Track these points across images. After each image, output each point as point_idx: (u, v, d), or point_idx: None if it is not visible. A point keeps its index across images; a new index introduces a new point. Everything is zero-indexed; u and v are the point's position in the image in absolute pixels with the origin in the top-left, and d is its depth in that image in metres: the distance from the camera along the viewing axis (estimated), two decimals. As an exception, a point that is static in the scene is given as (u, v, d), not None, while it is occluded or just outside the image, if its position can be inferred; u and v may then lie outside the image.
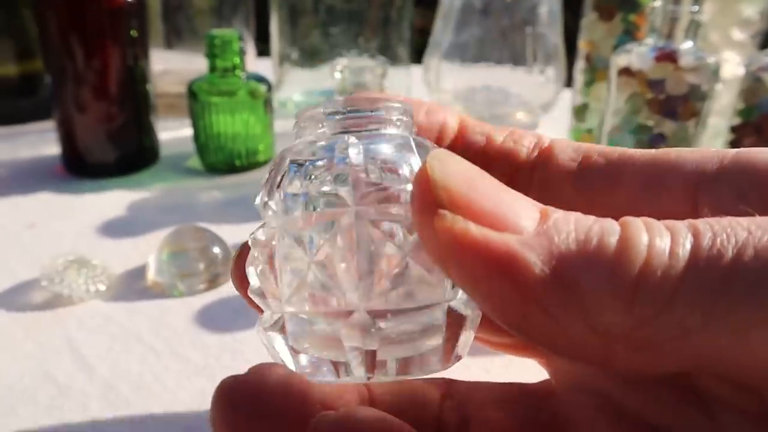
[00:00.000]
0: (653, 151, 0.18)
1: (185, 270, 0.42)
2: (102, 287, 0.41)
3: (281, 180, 0.17)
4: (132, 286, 0.42)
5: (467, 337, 0.17)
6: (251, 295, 0.18)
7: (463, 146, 0.20)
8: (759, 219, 0.13)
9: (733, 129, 0.58)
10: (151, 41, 0.58)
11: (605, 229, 0.13)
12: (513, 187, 0.20)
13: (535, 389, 0.21)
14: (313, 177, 0.16)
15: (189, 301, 0.41)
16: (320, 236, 0.16)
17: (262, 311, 0.18)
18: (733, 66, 0.65)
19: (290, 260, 0.16)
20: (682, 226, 0.13)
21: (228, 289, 0.42)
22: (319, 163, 0.16)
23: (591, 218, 0.13)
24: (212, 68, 0.57)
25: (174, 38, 0.73)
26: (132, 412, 0.32)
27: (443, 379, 0.21)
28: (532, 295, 0.12)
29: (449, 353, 0.17)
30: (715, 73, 0.52)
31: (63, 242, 0.47)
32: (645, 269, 0.12)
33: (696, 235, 0.13)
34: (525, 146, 0.20)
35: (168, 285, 0.41)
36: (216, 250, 0.43)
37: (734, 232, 0.12)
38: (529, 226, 0.13)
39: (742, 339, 0.12)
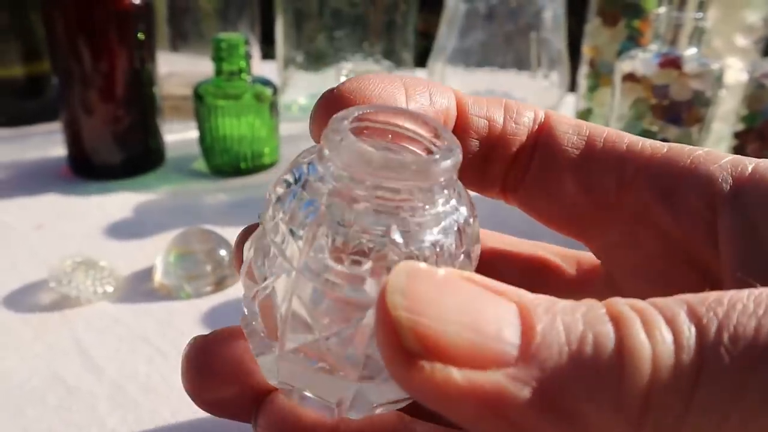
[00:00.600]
0: (665, 147, 0.18)
1: (192, 272, 0.42)
2: (109, 289, 0.41)
3: (276, 186, 0.17)
4: (139, 288, 0.42)
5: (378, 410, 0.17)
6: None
7: (465, 134, 0.19)
8: (763, 296, 0.12)
9: (737, 135, 0.58)
10: (157, 44, 0.58)
11: (599, 336, 0.12)
12: (512, 176, 0.19)
13: None
14: (287, 208, 0.15)
15: (196, 303, 0.41)
16: (268, 270, 0.16)
17: None
18: (736, 72, 0.65)
19: (249, 273, 0.17)
20: (683, 317, 0.12)
21: (235, 291, 0.42)
22: (297, 193, 0.15)
23: (579, 318, 0.12)
24: (218, 71, 0.57)
25: (180, 41, 0.73)
26: (140, 412, 0.33)
27: None
28: (529, 429, 0.12)
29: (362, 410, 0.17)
30: (718, 79, 0.52)
31: (70, 244, 0.48)
32: (652, 385, 0.11)
33: (699, 328, 0.11)
34: (525, 126, 0.20)
35: (175, 287, 0.42)
36: (222, 252, 0.43)
37: (740, 322, 0.11)
38: (512, 350, 0.12)
39: None
